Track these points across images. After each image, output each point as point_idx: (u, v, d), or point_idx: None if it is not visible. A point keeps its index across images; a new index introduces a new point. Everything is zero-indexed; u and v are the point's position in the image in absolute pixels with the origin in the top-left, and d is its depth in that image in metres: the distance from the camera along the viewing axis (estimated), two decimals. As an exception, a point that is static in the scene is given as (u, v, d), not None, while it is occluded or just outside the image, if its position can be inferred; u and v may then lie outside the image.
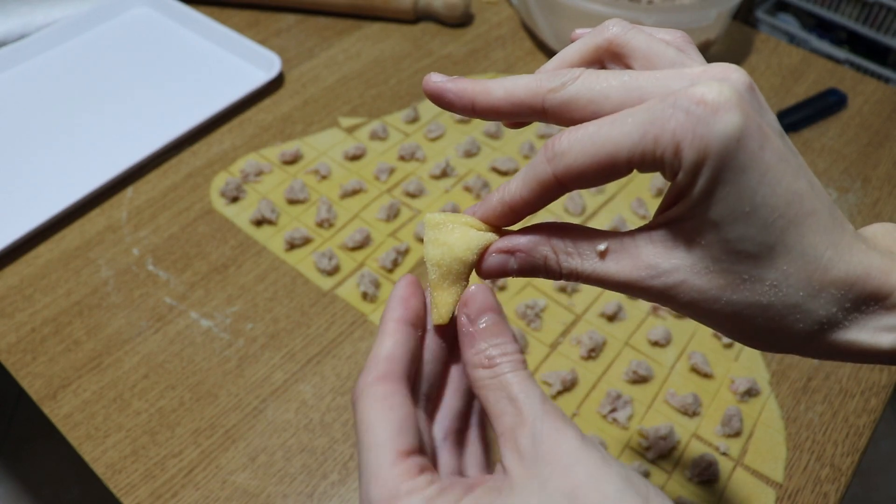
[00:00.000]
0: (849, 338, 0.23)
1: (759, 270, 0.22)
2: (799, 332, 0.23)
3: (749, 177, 0.20)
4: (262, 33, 0.78)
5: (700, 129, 0.20)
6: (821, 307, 0.22)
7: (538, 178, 0.23)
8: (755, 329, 0.23)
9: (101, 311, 0.53)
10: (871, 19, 1.46)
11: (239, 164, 0.64)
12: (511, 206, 0.25)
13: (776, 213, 0.21)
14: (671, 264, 0.23)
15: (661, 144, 0.21)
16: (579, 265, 0.24)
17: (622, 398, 0.48)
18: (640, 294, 0.24)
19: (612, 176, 0.23)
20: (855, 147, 0.69)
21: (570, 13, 0.69)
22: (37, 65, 0.73)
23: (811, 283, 0.22)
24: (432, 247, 0.26)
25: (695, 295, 0.23)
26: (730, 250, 0.22)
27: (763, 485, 0.45)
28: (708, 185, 0.21)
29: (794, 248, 0.21)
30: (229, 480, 0.44)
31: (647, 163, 0.21)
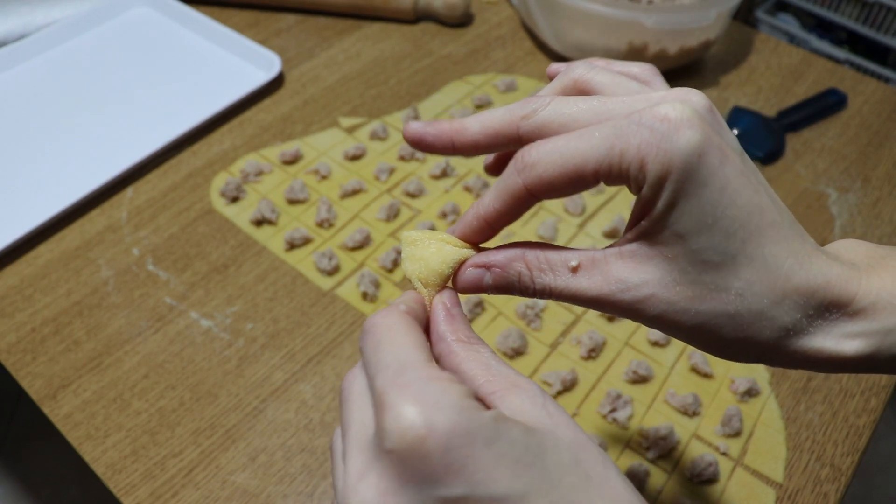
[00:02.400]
0: (814, 345, 0.24)
1: (724, 280, 0.23)
2: (766, 339, 0.24)
3: (710, 190, 0.22)
4: (262, 33, 0.78)
5: (664, 144, 0.21)
6: (785, 314, 0.23)
7: (509, 190, 0.25)
8: (724, 339, 0.24)
9: (102, 311, 0.53)
10: (871, 19, 1.46)
11: (239, 164, 0.64)
12: (486, 218, 0.26)
13: (737, 223, 0.22)
14: (640, 278, 0.24)
15: (627, 159, 0.22)
16: (552, 281, 0.25)
17: (622, 398, 0.48)
18: (611, 309, 0.25)
19: (580, 187, 0.24)
20: (855, 147, 0.69)
21: (570, 13, 0.69)
22: (37, 65, 0.73)
23: (774, 290, 0.23)
24: (410, 262, 0.27)
25: (664, 307, 0.23)
26: (695, 261, 0.23)
27: (763, 485, 0.45)
28: (672, 198, 0.22)
29: (756, 257, 0.23)
30: (229, 480, 0.44)
31: (612, 175, 0.23)
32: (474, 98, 0.71)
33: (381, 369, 0.22)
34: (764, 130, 0.68)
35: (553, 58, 0.77)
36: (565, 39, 0.73)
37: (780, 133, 0.69)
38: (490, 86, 0.73)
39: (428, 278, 0.27)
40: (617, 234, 0.59)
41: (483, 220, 0.26)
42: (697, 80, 0.76)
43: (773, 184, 0.65)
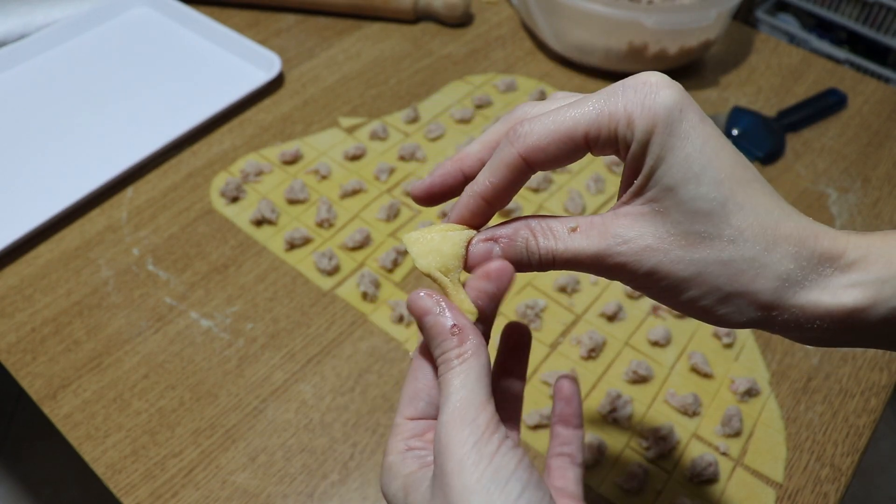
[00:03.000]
0: (811, 298, 0.24)
1: (715, 227, 0.24)
2: (762, 290, 0.24)
3: (694, 141, 0.23)
4: (262, 33, 0.78)
5: (648, 100, 0.24)
6: (778, 262, 0.24)
7: (504, 161, 0.26)
8: (720, 291, 0.24)
9: (102, 311, 0.53)
10: (871, 19, 1.46)
11: (239, 164, 0.64)
12: (482, 195, 0.27)
13: (723, 173, 0.23)
14: (636, 232, 0.25)
15: (615, 118, 0.24)
16: (554, 245, 0.26)
17: (622, 398, 0.48)
18: (609, 266, 0.25)
19: (572, 152, 0.25)
20: (855, 147, 0.69)
21: (570, 13, 0.69)
22: (37, 65, 0.73)
23: (765, 236, 0.24)
24: (422, 258, 0.27)
25: (659, 257, 0.24)
26: (687, 211, 0.24)
27: (763, 485, 0.45)
28: (659, 151, 0.23)
29: (745, 204, 0.24)
30: (229, 480, 0.44)
31: (602, 137, 0.25)
32: (474, 98, 0.71)
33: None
34: (764, 130, 0.68)
35: (553, 58, 0.77)
36: (565, 39, 0.73)
37: (780, 133, 0.69)
38: (490, 86, 0.73)
39: (446, 265, 0.27)
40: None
41: (480, 197, 0.27)
42: (697, 80, 0.76)
43: (774, 184, 0.65)
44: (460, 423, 0.24)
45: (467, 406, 0.24)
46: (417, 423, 0.27)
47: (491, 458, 0.23)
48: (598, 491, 0.44)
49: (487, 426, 0.24)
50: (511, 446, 0.24)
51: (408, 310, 0.27)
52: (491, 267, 0.27)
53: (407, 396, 0.28)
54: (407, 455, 0.26)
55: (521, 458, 0.23)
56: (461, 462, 0.23)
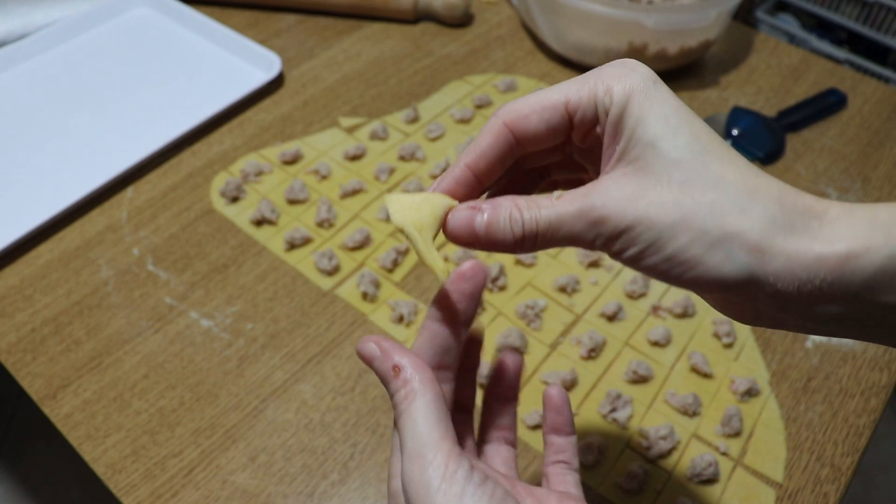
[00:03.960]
0: (802, 245, 0.23)
1: (696, 173, 0.24)
2: (749, 230, 0.23)
3: (670, 104, 0.25)
4: (262, 33, 0.78)
5: (624, 73, 0.26)
6: (762, 207, 0.24)
7: (489, 129, 0.28)
8: (707, 235, 0.24)
9: (102, 311, 0.53)
10: (871, 19, 1.46)
11: (239, 164, 0.64)
12: (468, 164, 0.28)
13: (700, 130, 0.25)
14: (618, 187, 0.25)
15: (595, 89, 0.26)
16: (537, 214, 0.26)
17: (622, 398, 0.48)
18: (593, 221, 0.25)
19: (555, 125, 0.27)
20: (855, 147, 0.69)
21: (570, 13, 0.69)
22: (37, 65, 0.73)
23: (746, 183, 0.24)
24: (399, 214, 0.27)
25: (643, 206, 0.24)
26: (668, 161, 0.24)
27: (763, 485, 0.45)
28: (638, 111, 0.25)
29: (724, 155, 0.25)
30: (229, 480, 0.44)
31: (582, 105, 0.26)
32: (474, 98, 0.71)
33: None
34: (764, 130, 0.68)
35: (553, 58, 0.77)
36: (565, 39, 0.73)
37: (781, 133, 0.69)
38: (490, 86, 0.73)
39: (422, 222, 0.27)
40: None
41: (465, 167, 0.28)
42: (697, 81, 0.76)
43: (773, 184, 0.65)
44: (419, 467, 0.23)
45: (422, 448, 0.24)
46: None
47: (460, 498, 0.23)
48: (598, 491, 0.44)
49: (447, 465, 0.23)
50: (479, 483, 0.23)
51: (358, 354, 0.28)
52: (465, 267, 0.27)
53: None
54: None
55: (492, 494, 0.23)
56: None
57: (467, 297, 0.28)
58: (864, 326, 0.24)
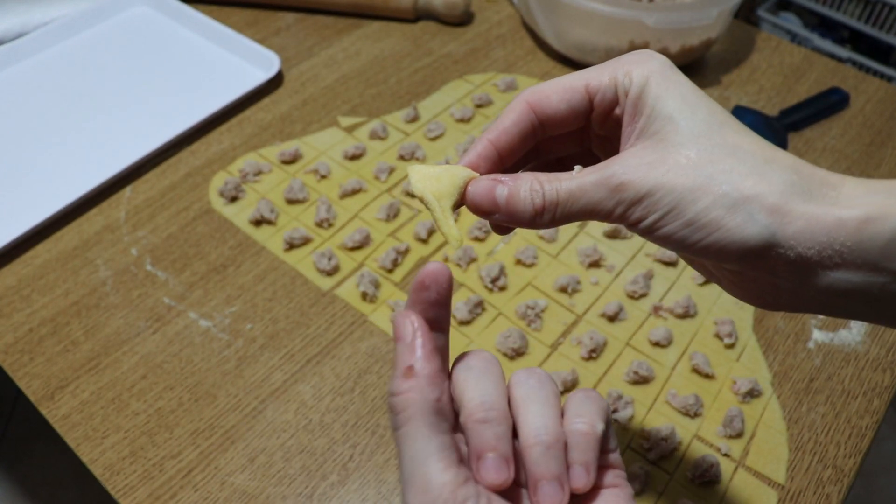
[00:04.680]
0: (821, 209, 0.24)
1: (714, 143, 0.25)
2: (768, 192, 0.24)
3: (686, 86, 0.26)
4: (262, 32, 0.78)
5: (643, 59, 0.27)
6: (779, 172, 0.24)
7: (512, 107, 0.29)
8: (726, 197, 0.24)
9: (100, 312, 0.53)
10: (874, 18, 1.46)
11: (238, 164, 0.63)
12: (490, 139, 0.29)
13: (715, 108, 0.26)
14: (638, 156, 0.26)
15: (615, 73, 0.27)
16: (558, 186, 0.27)
17: (623, 399, 0.48)
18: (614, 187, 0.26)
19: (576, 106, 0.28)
20: (857, 146, 0.69)
21: (570, 12, 0.69)
22: (35, 64, 0.73)
23: (764, 151, 0.25)
24: (420, 183, 0.28)
25: (663, 170, 0.25)
26: (687, 132, 0.25)
27: (765, 486, 0.45)
28: (657, 90, 0.26)
29: (740, 129, 0.26)
30: (228, 481, 0.44)
31: (602, 87, 0.28)
32: (474, 97, 0.71)
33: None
34: (766, 129, 0.68)
35: (553, 57, 0.77)
36: (566, 38, 0.73)
37: (783, 132, 0.69)
38: (490, 85, 0.73)
39: (440, 191, 0.28)
40: (618, 234, 0.59)
41: (488, 141, 0.29)
42: (699, 79, 0.75)
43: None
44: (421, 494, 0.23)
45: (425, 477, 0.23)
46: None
47: None
48: (599, 492, 0.44)
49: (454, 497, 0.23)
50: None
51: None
52: (425, 271, 0.26)
53: None
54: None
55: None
56: None
57: (431, 305, 0.26)
58: (882, 303, 0.24)
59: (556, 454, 0.25)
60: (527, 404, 0.26)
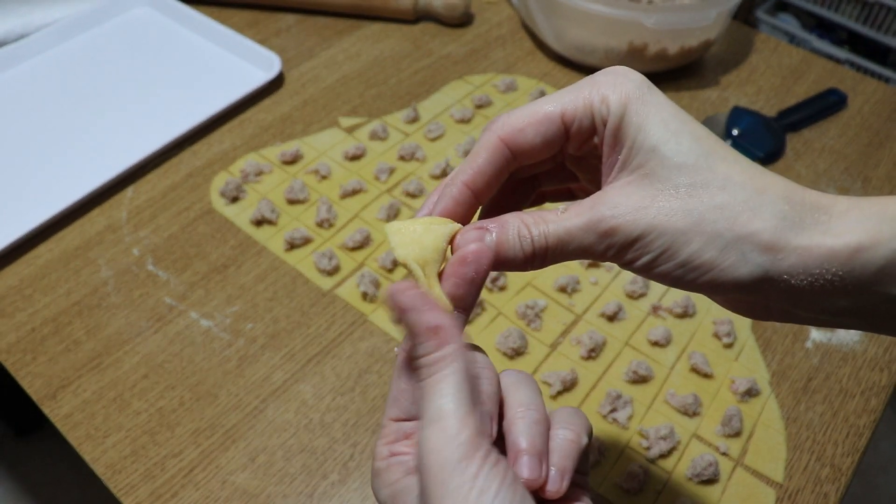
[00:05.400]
0: (813, 240, 0.23)
1: (703, 176, 0.24)
2: (761, 229, 0.23)
3: (667, 109, 0.25)
4: (262, 33, 0.78)
5: (618, 80, 0.26)
6: (771, 204, 0.24)
7: (483, 145, 0.27)
8: (721, 238, 0.24)
9: (101, 311, 0.53)
10: (872, 19, 1.46)
11: (239, 164, 0.64)
12: (465, 182, 0.28)
13: (701, 133, 0.25)
14: (626, 196, 0.25)
15: (590, 98, 0.26)
16: (545, 229, 0.26)
17: (622, 398, 0.48)
18: (604, 232, 0.25)
19: (551, 137, 0.27)
20: (855, 147, 0.69)
21: (570, 13, 0.69)
22: (36, 65, 0.73)
23: (754, 181, 0.24)
24: (401, 248, 0.27)
25: (654, 213, 0.24)
26: (672, 166, 0.24)
27: (763, 485, 0.45)
28: (636, 119, 0.25)
29: (727, 156, 0.25)
30: (229, 480, 0.44)
31: (578, 115, 0.26)
32: (474, 98, 0.71)
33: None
34: (764, 130, 0.68)
35: (553, 57, 0.77)
36: (565, 39, 0.73)
37: (781, 133, 0.69)
38: (490, 86, 0.73)
39: (424, 256, 0.26)
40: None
41: (462, 185, 0.28)
42: (698, 80, 0.76)
43: (774, 184, 0.65)
44: (442, 440, 0.23)
45: (447, 420, 0.23)
46: (402, 425, 0.27)
47: (474, 478, 0.22)
48: (598, 491, 0.44)
49: (471, 443, 0.22)
50: (493, 462, 0.23)
51: (388, 303, 0.26)
52: (468, 249, 0.26)
53: (391, 396, 0.27)
54: (391, 461, 0.26)
55: (503, 476, 0.22)
56: (444, 484, 0.22)
57: (467, 283, 0.26)
58: (874, 318, 0.25)
59: (541, 431, 0.26)
60: (516, 387, 0.27)
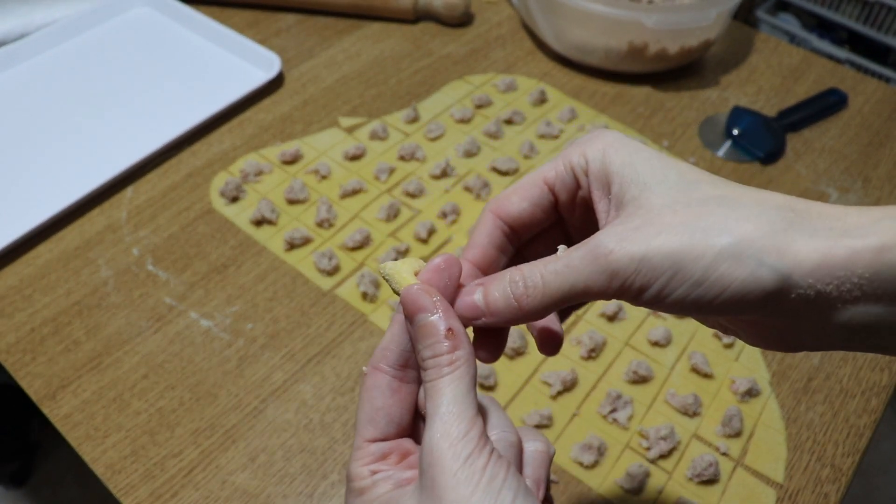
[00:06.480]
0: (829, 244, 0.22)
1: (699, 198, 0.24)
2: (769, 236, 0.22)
3: (647, 151, 0.26)
4: (262, 33, 0.78)
5: (594, 136, 0.27)
6: (774, 213, 0.23)
7: (482, 222, 0.29)
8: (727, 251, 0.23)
9: (101, 311, 0.53)
10: (872, 19, 1.46)
11: (239, 164, 0.64)
12: (471, 260, 0.29)
13: (684, 168, 0.25)
14: (624, 222, 0.24)
15: (569, 157, 0.27)
16: (541, 269, 0.25)
17: (622, 398, 0.48)
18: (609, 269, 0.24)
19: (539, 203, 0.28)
20: (855, 147, 0.69)
21: (570, 13, 0.69)
22: (37, 65, 0.73)
23: (751, 196, 0.24)
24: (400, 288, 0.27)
25: (656, 235, 0.23)
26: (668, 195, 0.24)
27: (763, 485, 0.45)
28: (620, 159, 0.25)
29: (717, 181, 0.25)
30: (229, 481, 0.44)
31: (559, 178, 0.27)
32: (474, 98, 0.71)
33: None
34: (764, 130, 0.68)
35: (553, 57, 0.77)
36: (565, 39, 0.73)
37: (781, 133, 0.69)
38: (490, 86, 0.73)
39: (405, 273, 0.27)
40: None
41: (471, 264, 0.29)
42: (697, 80, 0.76)
43: (774, 184, 0.65)
44: (455, 437, 0.24)
45: (459, 419, 0.24)
46: (380, 446, 0.27)
47: (483, 470, 0.23)
48: (599, 491, 0.44)
49: (479, 440, 0.24)
50: (497, 457, 0.24)
51: (401, 303, 0.26)
52: (442, 257, 0.27)
53: (365, 417, 0.27)
54: (376, 478, 0.26)
55: (507, 467, 0.24)
56: (455, 476, 0.23)
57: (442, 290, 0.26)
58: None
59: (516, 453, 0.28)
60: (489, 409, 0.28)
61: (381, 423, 0.27)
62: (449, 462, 0.23)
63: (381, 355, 0.27)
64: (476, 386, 0.25)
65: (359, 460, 0.27)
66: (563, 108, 0.70)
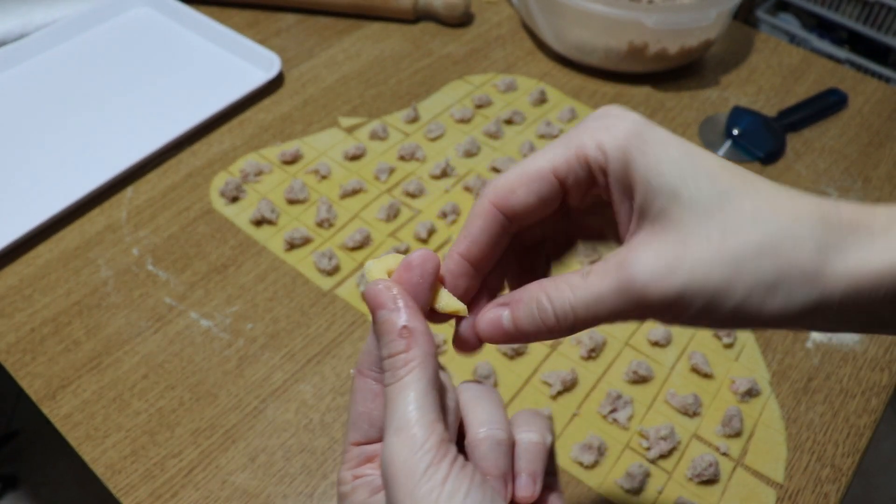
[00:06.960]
0: (861, 260, 0.21)
1: (732, 216, 0.22)
2: (806, 261, 0.22)
3: (672, 146, 0.23)
4: (262, 33, 0.78)
5: (611, 123, 0.24)
6: (808, 230, 0.22)
7: (476, 212, 0.26)
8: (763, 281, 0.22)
9: (101, 311, 0.53)
10: (872, 19, 1.46)
11: (239, 164, 0.64)
12: (460, 252, 0.26)
13: (717, 167, 0.23)
14: (655, 250, 0.23)
15: (583, 147, 0.24)
16: (570, 295, 0.24)
17: (622, 398, 0.48)
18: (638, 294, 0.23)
19: (545, 195, 0.25)
20: (855, 147, 0.69)
21: (570, 13, 0.69)
22: (36, 64, 0.73)
23: (785, 210, 0.22)
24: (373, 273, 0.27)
25: (690, 268, 0.22)
26: (697, 210, 0.22)
27: (763, 485, 0.45)
28: (645, 161, 0.23)
29: (751, 189, 0.23)
30: (229, 481, 0.44)
31: (571, 169, 0.24)
32: (474, 98, 0.71)
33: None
34: (764, 130, 0.68)
35: (553, 57, 0.77)
36: (565, 39, 0.73)
37: (781, 133, 0.69)
38: (490, 86, 0.73)
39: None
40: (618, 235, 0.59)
41: (458, 255, 0.26)
42: (698, 80, 0.76)
43: (774, 184, 0.65)
44: (408, 448, 0.22)
45: (413, 428, 0.22)
46: (363, 449, 0.26)
47: (443, 484, 0.22)
48: (599, 491, 0.44)
49: (437, 449, 0.22)
50: (460, 466, 0.22)
51: (364, 300, 0.25)
52: (415, 253, 0.25)
53: (350, 420, 0.26)
54: (356, 484, 0.25)
55: (471, 477, 0.22)
56: (412, 493, 0.22)
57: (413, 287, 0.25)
58: None
59: (505, 451, 0.25)
60: (476, 402, 0.26)
61: (363, 426, 0.26)
62: (404, 480, 0.22)
63: (363, 358, 0.27)
64: (436, 387, 0.24)
65: (345, 464, 0.26)
66: (563, 108, 0.70)
